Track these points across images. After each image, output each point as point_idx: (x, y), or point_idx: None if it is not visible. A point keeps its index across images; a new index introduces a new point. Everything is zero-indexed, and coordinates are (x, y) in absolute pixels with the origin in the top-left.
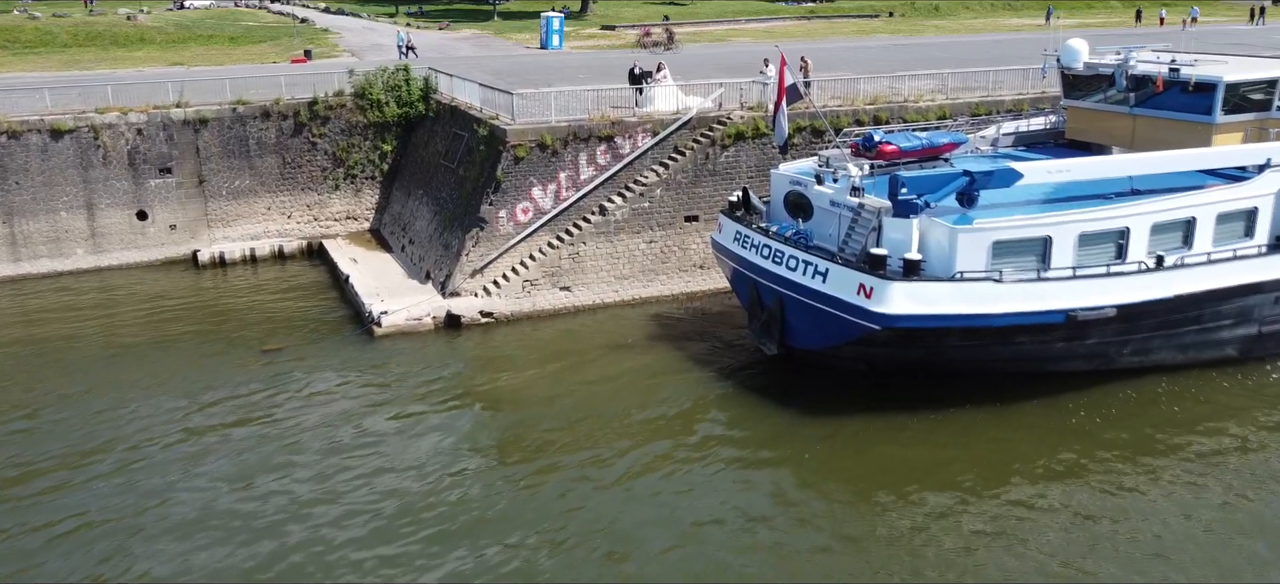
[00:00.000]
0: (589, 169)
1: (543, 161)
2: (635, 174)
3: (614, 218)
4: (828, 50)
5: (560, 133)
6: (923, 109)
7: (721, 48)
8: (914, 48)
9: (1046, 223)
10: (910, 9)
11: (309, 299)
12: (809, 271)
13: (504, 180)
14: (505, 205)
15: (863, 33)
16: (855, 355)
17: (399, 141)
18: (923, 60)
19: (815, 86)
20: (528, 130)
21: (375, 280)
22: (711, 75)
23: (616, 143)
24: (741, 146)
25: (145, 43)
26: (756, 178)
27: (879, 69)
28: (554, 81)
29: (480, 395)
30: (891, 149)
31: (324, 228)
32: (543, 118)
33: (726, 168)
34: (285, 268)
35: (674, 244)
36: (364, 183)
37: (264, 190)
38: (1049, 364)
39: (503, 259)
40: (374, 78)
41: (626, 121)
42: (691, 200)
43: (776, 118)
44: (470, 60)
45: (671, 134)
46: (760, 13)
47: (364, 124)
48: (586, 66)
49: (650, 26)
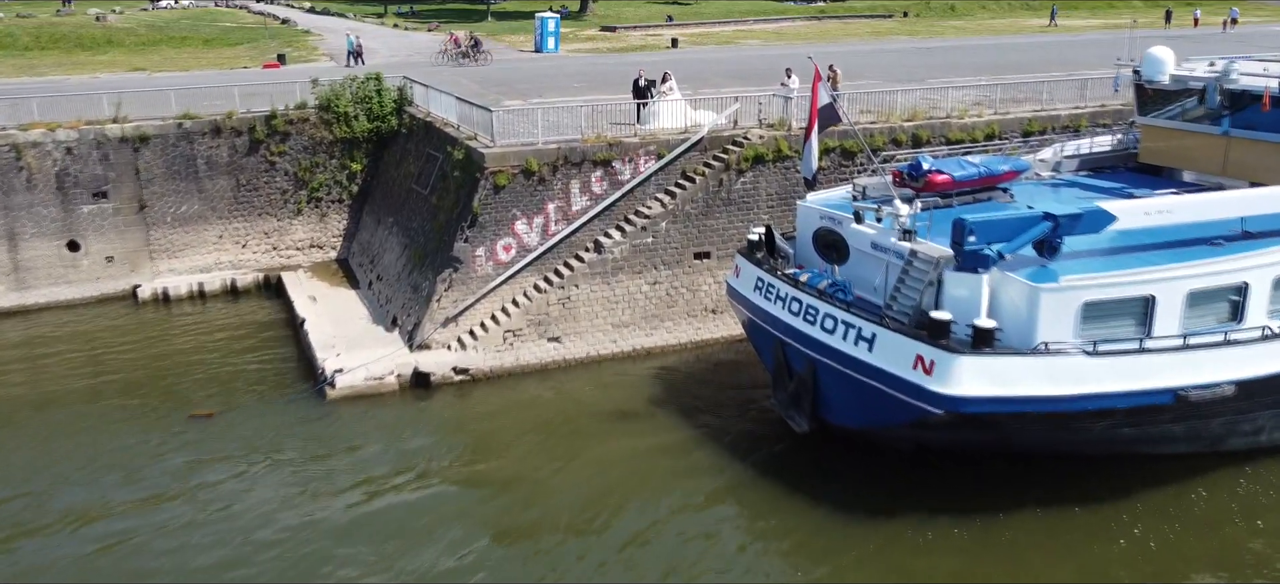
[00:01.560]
0: (582, 199)
1: (528, 191)
2: (636, 204)
3: (611, 256)
4: (846, 54)
5: (548, 156)
6: (968, 126)
7: (730, 51)
8: (939, 51)
9: (1149, 279)
10: (925, 9)
11: (259, 346)
12: (850, 336)
13: (481, 213)
14: (483, 242)
15: (878, 34)
16: (907, 437)
17: (370, 160)
18: (953, 66)
19: (845, 99)
20: (510, 154)
21: (334, 326)
22: (722, 84)
23: (614, 168)
24: (760, 171)
25: (113, 45)
26: (778, 208)
27: (906, 76)
28: (545, 91)
29: (449, 477)
30: (943, 179)
31: (284, 258)
32: (528, 139)
33: (743, 196)
34: (238, 304)
35: (682, 286)
36: (330, 207)
37: (215, 216)
38: (1145, 446)
39: (480, 305)
40: (341, 88)
41: (626, 142)
42: (702, 234)
43: (807, 144)
44: (466, 66)
45: (679, 157)
46: (768, 13)
47: (330, 141)
48: (583, 73)
49: (456, 33)
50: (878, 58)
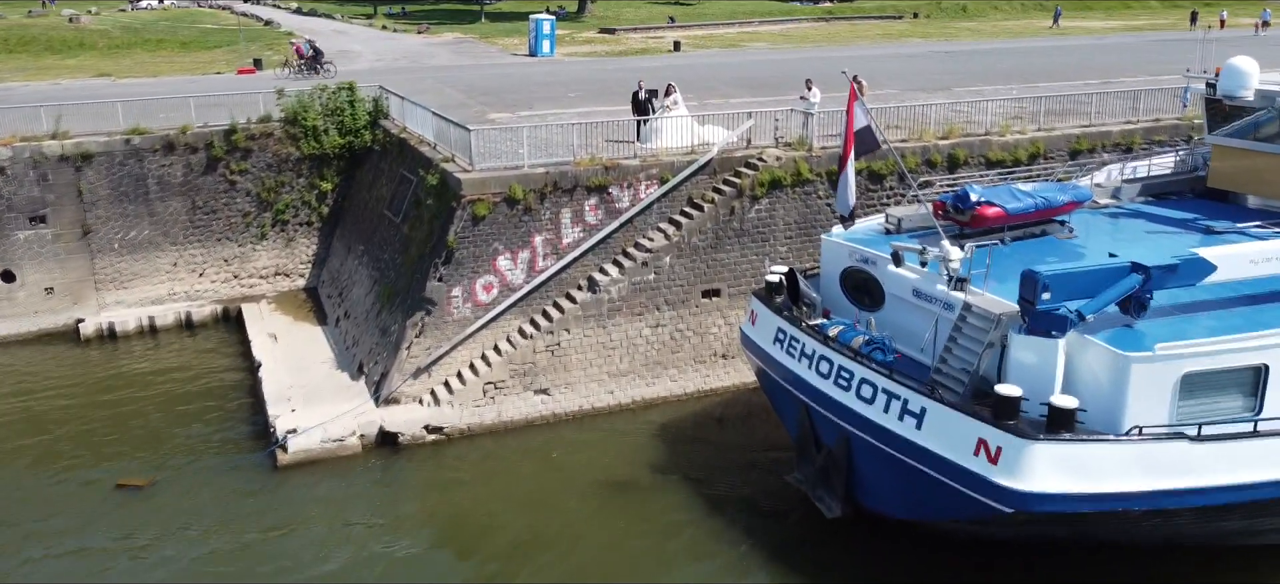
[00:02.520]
0: (575, 230)
1: (512, 221)
2: (636, 236)
3: (608, 295)
4: (861, 59)
5: (536, 182)
6: (1010, 145)
7: (736, 55)
8: (961, 56)
9: (1260, 345)
10: (936, 9)
11: (209, 393)
12: (894, 408)
13: (458, 247)
14: (460, 281)
15: (890, 36)
16: (964, 531)
17: (342, 179)
18: (979, 73)
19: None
20: (491, 179)
21: (292, 373)
22: (730, 93)
23: (611, 194)
24: (778, 197)
25: (84, 49)
26: (798, 239)
27: (930, 84)
28: (537, 102)
29: (414, 565)
30: (994, 212)
31: (246, 287)
32: (512, 161)
33: (758, 226)
34: (193, 340)
35: (688, 328)
36: (297, 230)
37: (168, 242)
38: (1247, 539)
39: (457, 353)
40: (309, 100)
41: (625, 165)
42: (711, 269)
43: (842, 177)
44: (444, 71)
45: (685, 181)
46: (774, 13)
47: (297, 158)
48: (579, 80)
49: (298, 43)
50: (894, 63)
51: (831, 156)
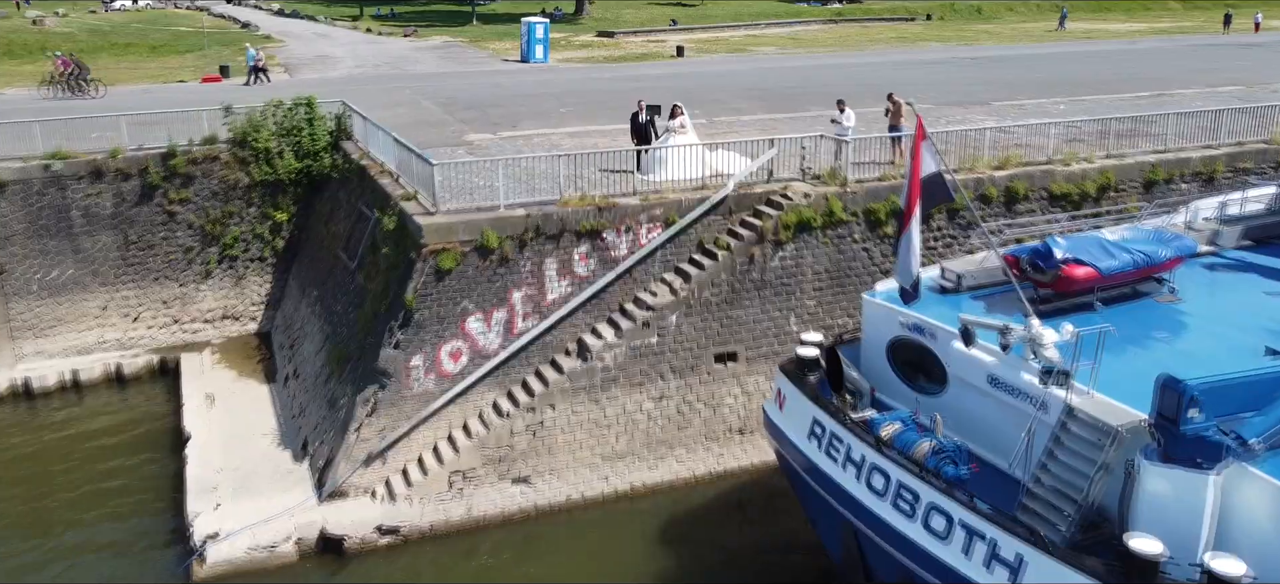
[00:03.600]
0: (562, 284)
1: (484, 274)
2: (636, 289)
3: (602, 362)
4: (878, 67)
5: (514, 226)
6: (1075, 175)
7: (744, 62)
8: (987, 63)
9: None
10: (949, 11)
11: (128, 471)
12: (976, 551)
13: (419, 307)
14: (421, 348)
15: (905, 39)
16: None
17: (299, 208)
18: (1013, 83)
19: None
20: (459, 224)
21: (225, 450)
22: (741, 107)
23: (606, 240)
24: (806, 242)
25: (46, 52)
26: (830, 291)
27: (960, 94)
28: (522, 118)
29: None
30: (1084, 272)
31: (189, 333)
32: (485, 200)
33: (783, 277)
34: (124, 397)
35: (698, 399)
36: (248, 267)
37: (97, 283)
38: None
39: (418, 435)
40: (261, 118)
41: (622, 204)
42: (726, 329)
43: (904, 239)
44: (426, 79)
45: (695, 223)
46: (781, 15)
47: (247, 184)
48: (573, 92)
49: (65, 57)
50: (916, 71)
51: (870, 192)
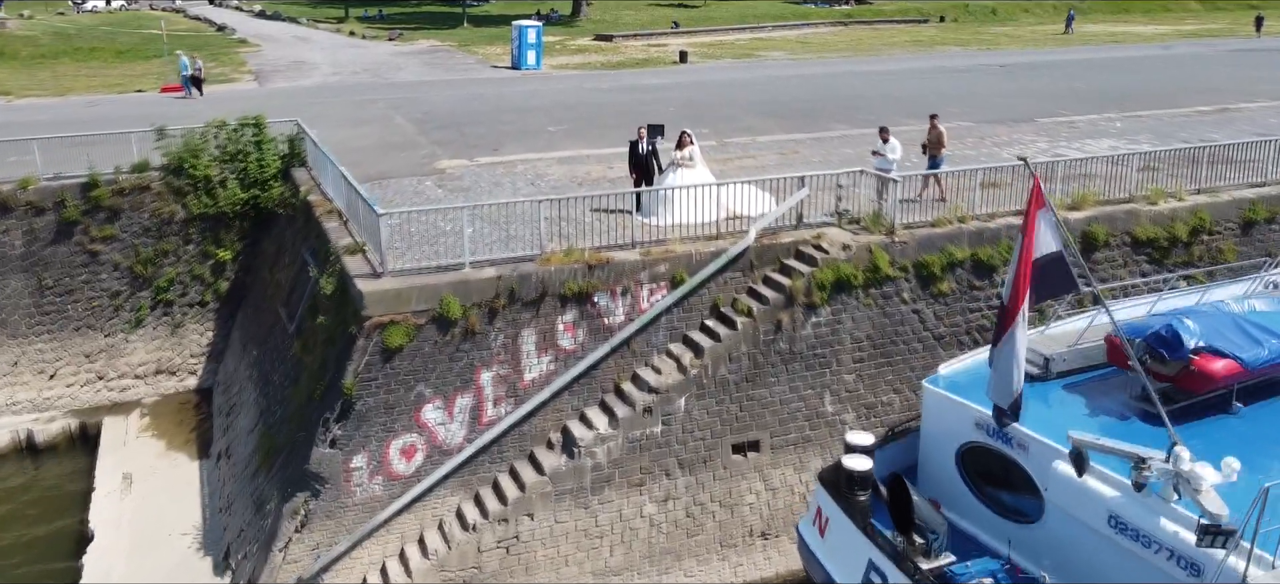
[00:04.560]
0: (542, 361)
1: (445, 352)
2: (636, 365)
3: (593, 458)
4: (901, 75)
5: (482, 290)
6: (1163, 216)
7: (753, 69)
8: (1020, 71)
9: None
10: (964, 12)
11: (18, 579)
12: None
13: (361, 394)
14: (364, 445)
15: (920, 43)
16: None
17: (246, 244)
18: (1056, 95)
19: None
20: (411, 290)
21: (131, 557)
22: (757, 125)
23: (599, 305)
24: (844, 303)
25: (4, 57)
26: (873, 363)
27: (1000, 109)
28: (507, 138)
29: None
30: (1223, 366)
31: (117, 391)
32: (448, 254)
33: (817, 346)
34: (35, 472)
35: (712, 498)
36: (187, 313)
37: (4, 335)
38: None
39: (362, 552)
40: (201, 142)
41: (619, 259)
42: (747, 412)
43: (1004, 343)
44: (405, 89)
45: (709, 281)
46: (788, 17)
47: (184, 218)
48: (566, 105)
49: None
50: (943, 80)
51: (922, 242)
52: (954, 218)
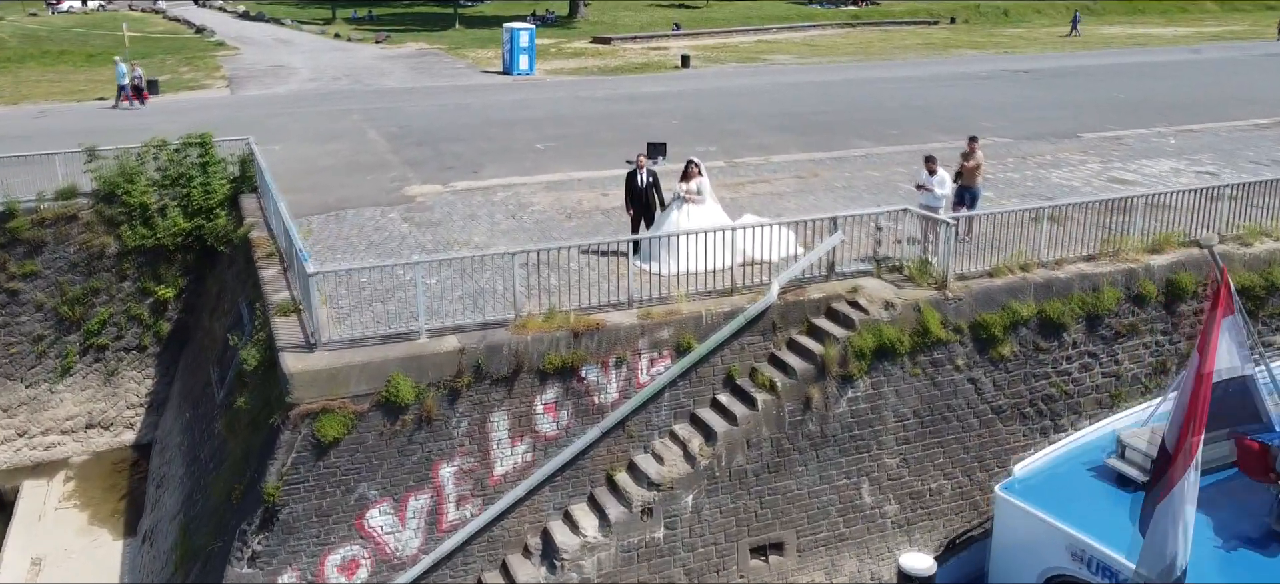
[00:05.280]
0: (517, 450)
1: (394, 443)
2: (634, 453)
3: (579, 571)
4: (920, 83)
5: (441, 366)
6: (1259, 259)
7: (760, 75)
8: (1046, 79)
9: None
10: (975, 14)
11: None
12: None
13: (286, 498)
14: (292, 561)
15: (933, 46)
16: None
17: (190, 280)
18: (1095, 104)
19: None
20: (350, 369)
21: None
22: (769, 141)
23: (587, 380)
24: (887, 373)
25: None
26: (919, 441)
27: (1037, 123)
28: (488, 157)
29: None
30: None
31: (41, 448)
32: (402, 324)
33: (853, 425)
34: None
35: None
36: (123, 358)
37: None
38: None
39: None
40: (137, 165)
41: (612, 322)
42: (769, 508)
43: (1172, 491)
44: (385, 97)
45: (721, 348)
46: (793, 18)
47: (118, 252)
48: (559, 116)
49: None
50: (966, 89)
51: (980, 297)
52: (1015, 266)
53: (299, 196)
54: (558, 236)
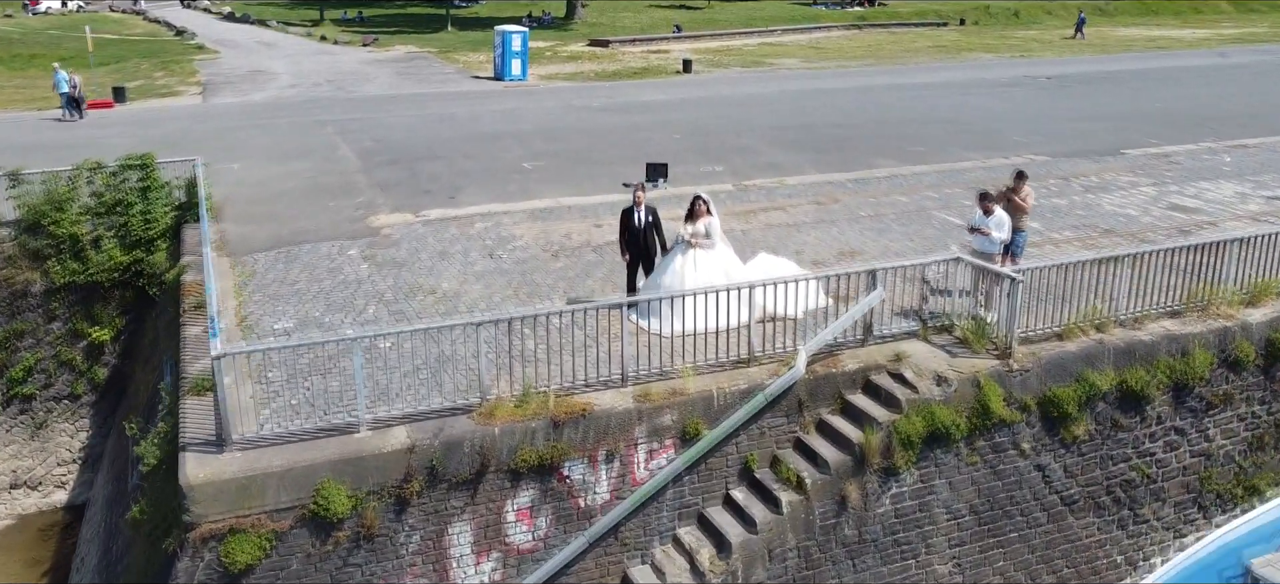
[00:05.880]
0: (483, 567)
1: (326, 566)
2: (626, 565)
3: None
4: (941, 91)
5: (385, 468)
6: None
7: (766, 81)
8: (1073, 86)
9: None
10: (984, 15)
11: None
12: None
13: None
14: None
15: (945, 49)
16: None
17: (130, 319)
18: (1132, 117)
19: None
20: (264, 478)
21: None
22: (781, 159)
23: (570, 479)
24: (940, 463)
25: None
26: (976, 542)
27: (1072, 139)
28: (466, 182)
29: None
30: None
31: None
32: (335, 413)
33: (899, 526)
34: None
35: None
36: (52, 409)
37: None
38: None
39: None
40: (68, 190)
41: (601, 406)
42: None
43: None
44: (365, 106)
45: (736, 433)
46: (797, 20)
47: (45, 290)
48: (550, 129)
49: None
50: (987, 96)
51: (1050, 366)
52: (1088, 325)
53: (250, 228)
54: (541, 279)
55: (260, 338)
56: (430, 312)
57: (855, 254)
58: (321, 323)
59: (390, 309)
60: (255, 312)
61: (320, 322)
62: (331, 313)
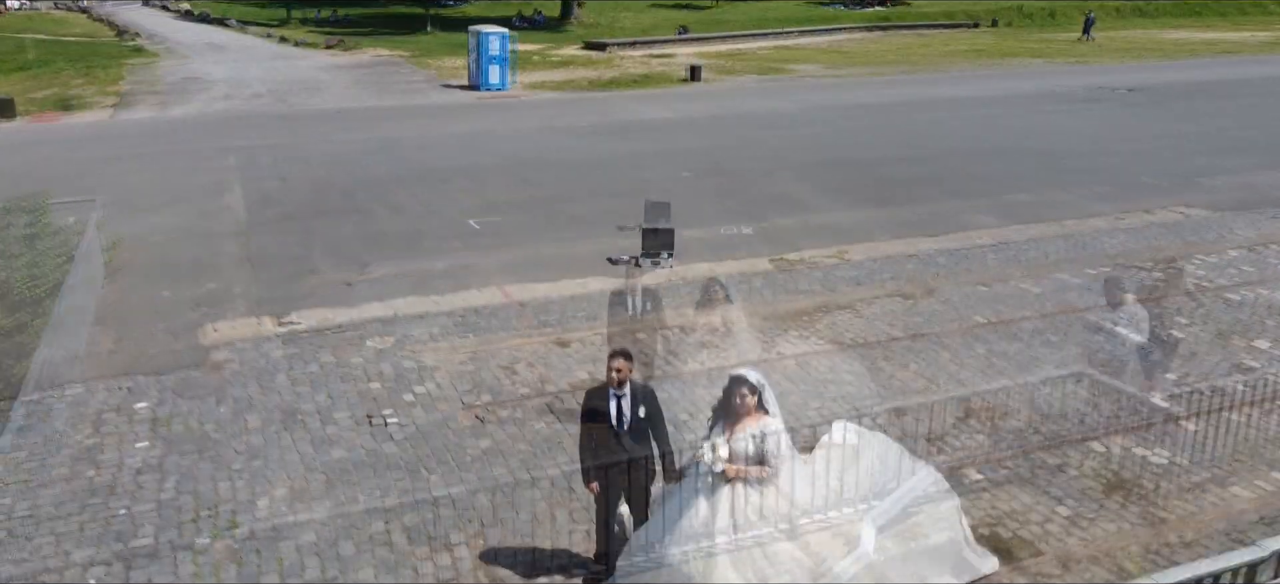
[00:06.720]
0: None
1: None
2: None
3: None
4: (997, 105)
5: None
6: None
7: (786, 92)
8: (1165, 101)
9: None
10: (1017, 15)
11: None
12: None
13: None
14: None
15: (982, 54)
16: None
17: None
18: (1255, 147)
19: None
20: None
21: None
22: (812, 200)
23: None
24: None
25: None
26: None
27: (1194, 178)
28: (379, 253)
29: None
30: None
31: None
32: None
33: None
34: None
35: None
36: None
37: None
38: None
39: None
40: None
41: None
42: None
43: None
44: (297, 125)
45: None
46: (812, 20)
47: None
48: (519, 159)
49: None
50: (1059, 115)
51: None
52: None
53: (23, 340)
54: (447, 486)
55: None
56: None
57: (999, 416)
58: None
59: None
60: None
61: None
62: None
